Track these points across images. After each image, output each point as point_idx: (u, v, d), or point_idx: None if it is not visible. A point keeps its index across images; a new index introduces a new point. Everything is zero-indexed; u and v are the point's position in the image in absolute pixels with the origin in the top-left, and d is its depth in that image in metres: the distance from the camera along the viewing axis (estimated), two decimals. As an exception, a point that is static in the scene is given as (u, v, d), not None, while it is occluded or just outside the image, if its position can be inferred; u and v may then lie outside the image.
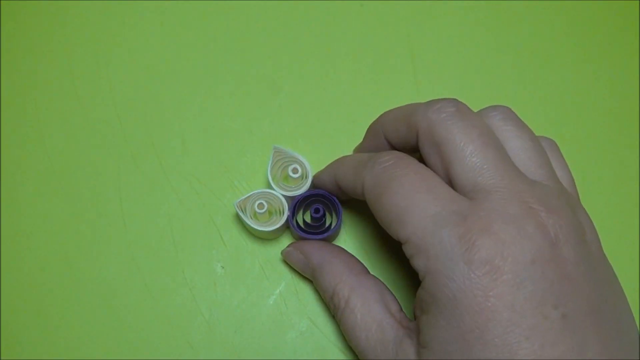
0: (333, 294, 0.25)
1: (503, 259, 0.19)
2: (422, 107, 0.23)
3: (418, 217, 0.20)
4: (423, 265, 0.20)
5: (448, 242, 0.19)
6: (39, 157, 0.31)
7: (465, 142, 0.21)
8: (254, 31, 0.34)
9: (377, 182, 0.22)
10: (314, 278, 0.27)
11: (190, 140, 0.32)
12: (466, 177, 0.21)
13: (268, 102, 0.32)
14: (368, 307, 0.24)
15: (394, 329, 0.23)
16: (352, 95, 0.33)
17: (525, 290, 0.19)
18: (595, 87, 0.33)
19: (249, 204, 0.28)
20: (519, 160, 0.22)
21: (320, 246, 0.27)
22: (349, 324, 0.24)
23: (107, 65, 0.33)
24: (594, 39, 0.34)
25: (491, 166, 0.21)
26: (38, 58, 0.33)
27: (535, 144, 0.23)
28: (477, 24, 0.34)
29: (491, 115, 0.23)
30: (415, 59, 0.34)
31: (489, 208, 0.20)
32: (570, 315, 0.19)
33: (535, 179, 0.22)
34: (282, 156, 0.28)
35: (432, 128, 0.22)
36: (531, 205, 0.20)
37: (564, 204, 0.21)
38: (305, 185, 0.28)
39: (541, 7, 0.35)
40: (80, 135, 0.32)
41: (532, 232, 0.19)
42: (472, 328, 0.19)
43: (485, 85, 0.33)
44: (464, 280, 0.19)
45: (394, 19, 0.34)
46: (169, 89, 0.33)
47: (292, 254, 0.28)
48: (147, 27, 0.34)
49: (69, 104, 0.32)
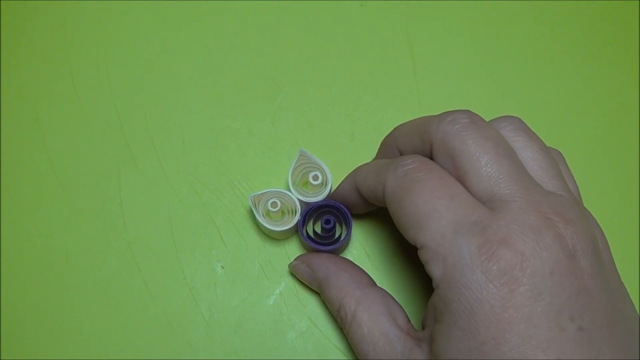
0: (339, 308, 0.25)
1: (522, 270, 0.19)
2: (436, 119, 0.23)
3: (438, 223, 0.20)
4: (439, 272, 0.20)
5: (467, 251, 0.19)
6: (39, 157, 0.31)
7: (480, 153, 0.21)
8: (254, 31, 0.34)
9: (400, 184, 0.22)
10: (321, 291, 0.27)
11: (190, 140, 0.32)
12: (482, 187, 0.21)
13: (268, 102, 0.32)
14: (375, 320, 0.23)
15: (402, 341, 0.22)
16: (352, 95, 0.33)
17: (543, 302, 0.19)
18: (596, 89, 0.33)
19: (263, 200, 0.28)
20: (532, 171, 0.22)
21: (326, 259, 0.27)
22: (356, 338, 0.24)
23: (107, 65, 0.33)
24: (595, 39, 0.34)
25: (507, 176, 0.21)
26: (38, 58, 0.33)
27: (547, 155, 0.23)
28: (477, 24, 0.34)
29: (502, 126, 0.23)
30: (415, 58, 0.34)
31: (508, 218, 0.20)
32: (586, 327, 0.19)
33: (549, 190, 0.22)
34: (305, 161, 0.28)
35: (446, 140, 0.22)
36: (549, 216, 0.20)
37: (580, 215, 0.21)
38: (323, 193, 0.28)
39: (541, 7, 0.35)
40: (80, 135, 0.32)
41: (550, 244, 0.19)
42: (488, 339, 0.19)
43: (485, 85, 0.33)
44: (481, 290, 0.19)
45: (394, 19, 0.34)
46: (169, 89, 0.33)
47: (299, 267, 0.28)
48: (147, 27, 0.34)
49: (69, 104, 0.32)
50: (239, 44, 0.34)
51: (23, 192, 0.31)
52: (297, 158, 0.28)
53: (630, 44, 0.34)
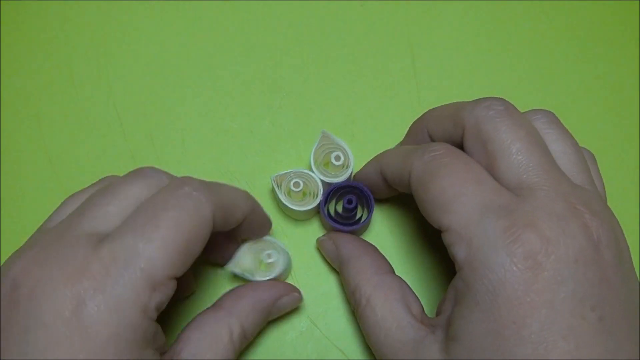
0: (355, 290, 0.25)
1: (546, 255, 0.19)
2: (470, 104, 0.23)
3: (464, 205, 0.20)
4: (463, 254, 0.20)
5: (492, 233, 0.19)
6: (39, 157, 0.31)
7: (512, 140, 0.21)
8: (254, 31, 0.34)
9: (426, 168, 0.22)
10: (340, 270, 0.27)
11: (190, 140, 0.32)
12: (511, 174, 0.21)
13: (268, 102, 0.32)
14: (389, 307, 0.24)
15: (414, 329, 0.22)
16: (352, 95, 0.33)
17: (566, 289, 0.19)
18: (599, 89, 0.33)
19: (286, 181, 0.28)
20: (561, 164, 0.22)
21: (352, 240, 0.27)
22: (369, 322, 0.24)
23: (107, 65, 0.33)
24: (595, 39, 0.34)
25: (536, 165, 0.21)
26: (38, 58, 0.33)
27: (577, 150, 0.23)
28: (476, 24, 0.34)
29: (535, 117, 0.24)
30: (416, 58, 0.34)
31: (535, 205, 0.20)
32: (606, 317, 0.19)
33: (577, 183, 0.22)
34: (328, 142, 0.28)
35: (480, 124, 0.22)
36: (576, 206, 0.20)
37: (605, 209, 0.21)
38: (345, 174, 0.28)
39: (541, 7, 0.35)
40: (80, 135, 0.32)
41: (576, 232, 0.19)
42: (509, 322, 0.19)
43: (485, 84, 0.33)
44: (504, 272, 0.19)
45: (394, 19, 0.34)
46: (169, 89, 0.33)
47: (326, 242, 0.28)
48: (147, 27, 0.34)
49: (69, 104, 0.32)
50: (239, 44, 0.34)
51: (23, 192, 0.31)
52: (320, 139, 0.28)
53: (630, 40, 0.34)
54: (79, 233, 0.20)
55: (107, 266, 0.19)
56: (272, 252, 0.26)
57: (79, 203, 0.22)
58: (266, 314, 0.26)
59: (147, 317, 0.20)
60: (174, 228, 0.20)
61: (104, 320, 0.19)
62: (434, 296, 0.28)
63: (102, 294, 0.19)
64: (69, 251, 0.20)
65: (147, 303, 0.19)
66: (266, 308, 0.25)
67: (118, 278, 0.19)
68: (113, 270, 0.19)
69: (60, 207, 0.24)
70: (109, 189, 0.22)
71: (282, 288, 0.26)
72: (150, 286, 0.19)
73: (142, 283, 0.19)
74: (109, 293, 0.19)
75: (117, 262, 0.19)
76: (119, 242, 0.20)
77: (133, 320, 0.19)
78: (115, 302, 0.19)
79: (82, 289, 0.19)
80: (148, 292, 0.19)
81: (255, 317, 0.25)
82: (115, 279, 0.19)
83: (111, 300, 0.19)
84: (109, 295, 0.19)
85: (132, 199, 0.21)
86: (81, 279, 0.19)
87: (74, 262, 0.19)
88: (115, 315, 0.19)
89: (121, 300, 0.19)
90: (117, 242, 0.20)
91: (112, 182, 0.23)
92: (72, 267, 0.19)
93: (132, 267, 0.19)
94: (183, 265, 0.20)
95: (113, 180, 0.23)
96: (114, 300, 0.19)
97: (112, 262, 0.19)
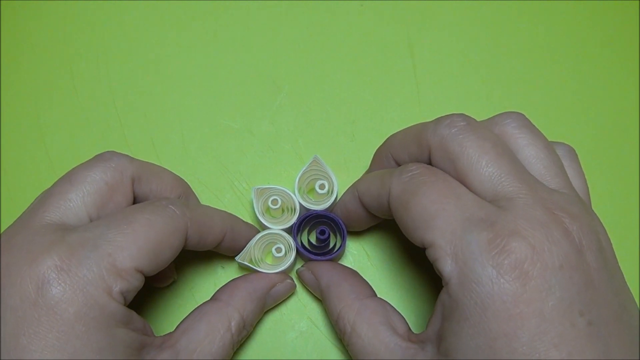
0: (338, 318, 0.25)
1: (532, 263, 0.19)
2: (432, 124, 0.23)
3: (447, 220, 0.20)
4: (449, 268, 0.20)
5: (477, 246, 0.19)
6: (39, 157, 0.31)
7: (480, 154, 0.21)
8: (254, 31, 0.34)
9: (406, 188, 0.22)
10: (323, 300, 0.27)
11: (190, 140, 0.32)
12: (485, 187, 0.21)
13: (268, 102, 0.32)
14: (374, 331, 0.23)
15: (402, 349, 0.22)
16: (352, 95, 0.33)
17: (554, 297, 0.19)
18: (595, 90, 0.33)
19: (265, 196, 0.28)
20: (534, 170, 0.22)
21: (330, 268, 0.27)
22: (357, 349, 0.24)
23: (107, 65, 0.33)
24: (595, 39, 0.34)
25: (508, 174, 0.21)
26: (38, 58, 0.33)
27: (550, 152, 0.23)
28: (477, 24, 0.34)
29: (505, 122, 0.23)
30: (416, 58, 0.34)
31: (516, 213, 0.20)
32: (595, 322, 0.19)
33: (552, 188, 0.22)
34: (316, 167, 0.28)
35: (445, 143, 0.22)
36: (554, 212, 0.20)
37: (583, 211, 0.21)
38: (326, 203, 0.28)
39: (541, 7, 0.35)
40: (80, 135, 0.32)
41: (559, 238, 0.19)
42: (500, 335, 0.19)
43: (485, 85, 0.33)
44: (492, 285, 0.19)
45: (394, 19, 0.34)
46: (169, 89, 0.33)
47: (305, 274, 0.28)
48: (147, 27, 0.34)
49: (69, 104, 0.32)
50: (239, 43, 0.34)
51: (23, 192, 0.31)
52: (310, 163, 0.28)
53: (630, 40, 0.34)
54: (45, 222, 0.21)
55: (74, 249, 0.20)
56: (281, 246, 0.27)
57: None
58: (262, 303, 0.26)
59: (113, 299, 0.20)
60: (147, 226, 0.21)
61: (69, 298, 0.19)
62: (421, 312, 0.28)
63: (66, 274, 0.19)
64: (36, 238, 0.21)
65: (112, 286, 0.20)
66: (262, 297, 0.26)
67: (83, 259, 0.20)
68: (79, 252, 0.20)
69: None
70: (68, 176, 0.23)
71: (275, 276, 0.27)
72: (115, 271, 0.20)
73: (107, 266, 0.20)
74: (73, 272, 0.19)
75: (85, 246, 0.20)
76: (90, 231, 0.21)
77: (98, 299, 0.20)
78: (79, 281, 0.19)
79: (46, 268, 0.19)
80: (113, 276, 0.20)
81: (252, 306, 0.25)
82: (80, 260, 0.20)
83: (75, 279, 0.19)
84: (73, 275, 0.19)
85: (92, 184, 0.23)
86: (45, 259, 0.20)
87: (40, 246, 0.20)
88: (80, 294, 0.19)
89: (85, 280, 0.20)
90: (88, 231, 0.21)
91: (72, 170, 0.23)
92: (38, 251, 0.20)
93: (99, 251, 0.20)
94: (150, 264, 0.21)
95: (73, 169, 0.24)
96: (78, 279, 0.19)
97: (79, 246, 0.20)
